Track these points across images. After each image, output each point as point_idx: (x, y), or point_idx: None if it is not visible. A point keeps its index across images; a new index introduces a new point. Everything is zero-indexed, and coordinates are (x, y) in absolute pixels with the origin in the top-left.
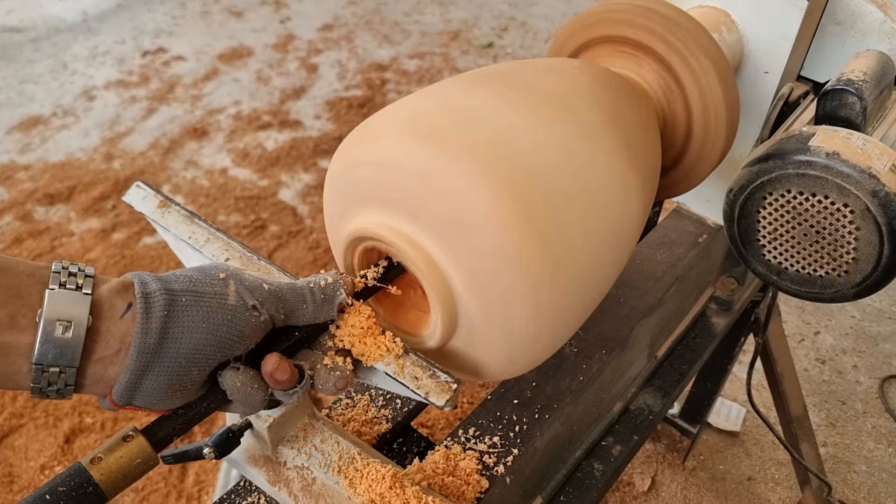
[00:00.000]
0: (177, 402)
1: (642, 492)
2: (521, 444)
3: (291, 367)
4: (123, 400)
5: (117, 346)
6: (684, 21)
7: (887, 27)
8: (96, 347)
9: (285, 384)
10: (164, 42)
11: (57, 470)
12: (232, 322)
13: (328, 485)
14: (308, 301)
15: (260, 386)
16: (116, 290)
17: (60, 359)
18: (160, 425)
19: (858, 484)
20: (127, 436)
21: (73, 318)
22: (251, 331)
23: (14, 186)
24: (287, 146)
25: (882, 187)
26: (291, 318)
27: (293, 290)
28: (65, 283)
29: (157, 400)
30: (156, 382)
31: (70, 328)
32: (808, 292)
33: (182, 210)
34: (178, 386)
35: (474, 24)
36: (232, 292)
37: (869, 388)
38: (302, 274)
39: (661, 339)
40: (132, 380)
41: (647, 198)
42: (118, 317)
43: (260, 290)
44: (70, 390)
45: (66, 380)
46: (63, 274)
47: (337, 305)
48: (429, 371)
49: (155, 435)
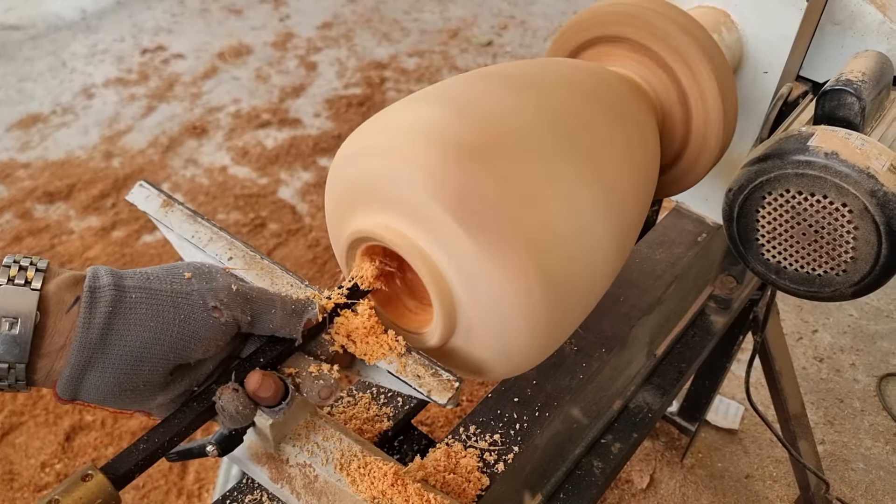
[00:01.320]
0: (130, 402)
1: (641, 489)
2: (521, 441)
3: (276, 382)
4: (67, 394)
5: (62, 340)
6: (684, 21)
7: (886, 28)
8: (43, 343)
9: (269, 400)
10: (163, 40)
11: (57, 468)
12: (185, 322)
13: (330, 482)
14: (277, 308)
15: (250, 406)
16: (67, 284)
17: (8, 355)
18: (121, 461)
19: (856, 482)
20: (86, 475)
21: (20, 314)
22: (208, 332)
23: (14, 184)
24: (286, 144)
25: (880, 187)
26: (258, 323)
27: (263, 294)
28: (13, 279)
29: (106, 397)
30: (101, 378)
31: (17, 324)
32: (807, 291)
33: (185, 209)
34: (127, 385)
35: (473, 22)
36: (192, 291)
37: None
38: (301, 272)
39: (660, 337)
40: (73, 374)
41: (646, 195)
42: (65, 311)
43: (226, 291)
44: (22, 385)
45: (16, 375)
46: (13, 268)
47: (304, 322)
48: (431, 369)
49: (116, 472)
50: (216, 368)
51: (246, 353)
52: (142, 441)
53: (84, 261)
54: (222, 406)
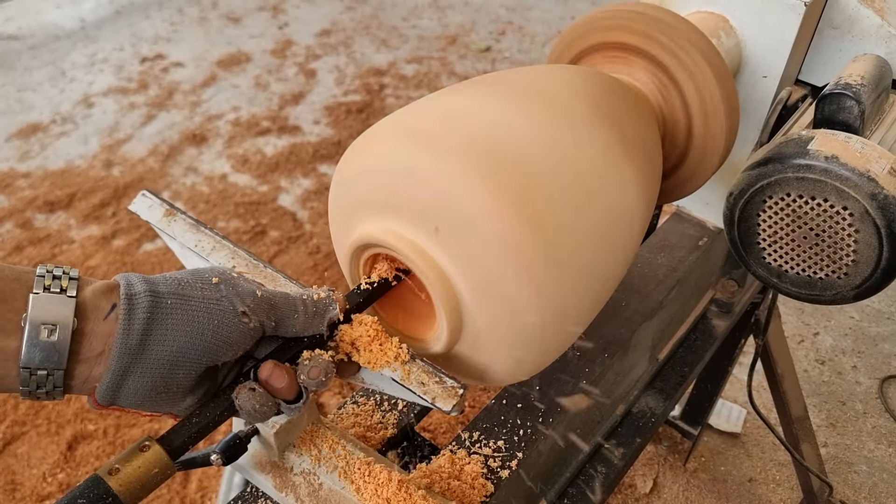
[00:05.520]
0: (163, 405)
1: (644, 494)
2: (525, 447)
3: (289, 373)
4: (106, 400)
5: (101, 347)
6: (683, 27)
7: (884, 31)
8: (81, 349)
9: (285, 392)
10: (162, 48)
11: (60, 478)
12: (218, 327)
13: (335, 490)
14: (300, 312)
15: (271, 403)
16: (101, 291)
17: (47, 361)
18: (175, 434)
19: (859, 484)
20: (143, 445)
21: (58, 321)
22: (239, 337)
23: (14, 194)
24: (286, 152)
25: (881, 190)
26: (281, 328)
27: (285, 299)
28: (49, 287)
29: (141, 401)
30: (139, 383)
31: (55, 331)
32: (809, 294)
33: (188, 218)
34: (162, 388)
35: (472, 28)
36: (222, 297)
37: (869, 388)
38: (302, 279)
39: (662, 341)
40: (114, 380)
41: (649, 200)
42: (102, 318)
43: (251, 297)
44: (60, 391)
45: (54, 382)
46: (47, 277)
47: (327, 320)
48: (435, 376)
49: (171, 444)
50: (233, 367)
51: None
52: (194, 415)
53: (85, 270)
54: (240, 405)
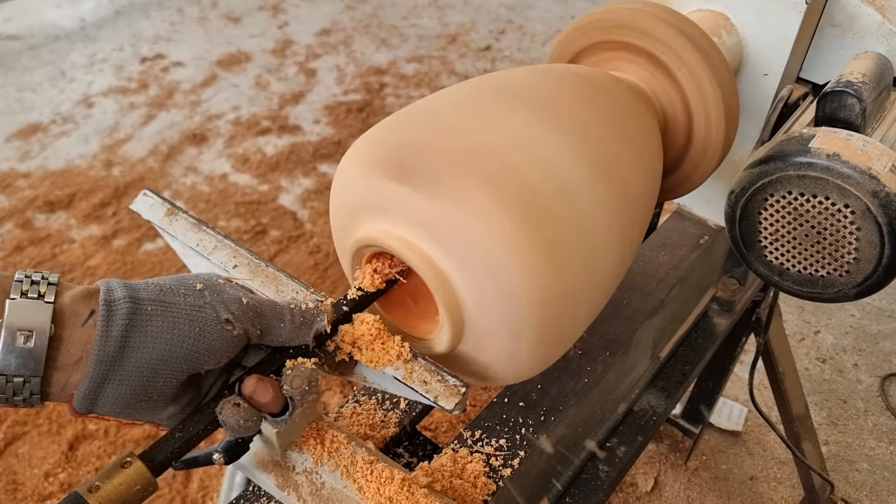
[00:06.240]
0: (144, 413)
1: (646, 492)
2: (527, 446)
3: (274, 387)
4: (84, 408)
5: (79, 353)
6: (683, 25)
7: (885, 29)
8: (59, 355)
9: (270, 405)
10: (162, 48)
11: (61, 477)
12: (200, 334)
13: (337, 489)
14: (286, 321)
15: (256, 418)
16: (80, 297)
17: (23, 368)
18: (157, 449)
19: (861, 482)
20: (125, 461)
21: (35, 327)
22: (221, 344)
23: (14, 194)
24: (287, 151)
25: (882, 188)
26: (267, 336)
27: (272, 307)
28: (26, 293)
29: (121, 409)
30: (117, 391)
31: (32, 337)
32: (810, 292)
33: (189, 218)
34: (142, 396)
35: (472, 27)
36: (205, 304)
37: (870, 386)
38: (303, 279)
39: (663, 340)
40: (91, 387)
41: (650, 199)
42: (80, 324)
43: (237, 304)
44: (37, 399)
45: (31, 389)
46: (25, 283)
47: (314, 331)
48: (437, 375)
49: (153, 460)
50: (220, 376)
51: (248, 360)
52: (177, 430)
53: (85, 269)
54: (224, 420)
